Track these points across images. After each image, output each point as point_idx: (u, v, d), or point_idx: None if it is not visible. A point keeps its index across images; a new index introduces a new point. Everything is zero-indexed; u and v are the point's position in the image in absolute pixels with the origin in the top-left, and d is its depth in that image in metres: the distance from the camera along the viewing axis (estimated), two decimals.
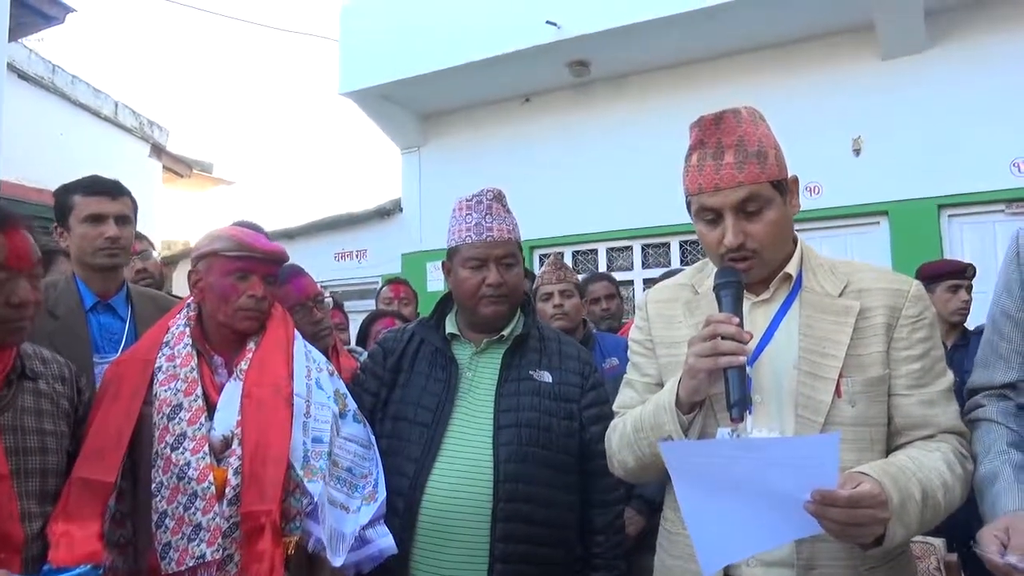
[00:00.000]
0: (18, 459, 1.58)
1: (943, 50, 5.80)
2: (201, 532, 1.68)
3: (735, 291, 1.43)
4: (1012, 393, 1.46)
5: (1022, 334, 1.44)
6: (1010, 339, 1.46)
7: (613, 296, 3.92)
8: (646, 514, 2.76)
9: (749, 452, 1.26)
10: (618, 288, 4.10)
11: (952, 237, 5.76)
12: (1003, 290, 1.49)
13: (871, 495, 1.21)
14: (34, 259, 1.62)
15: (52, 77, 8.23)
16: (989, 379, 1.50)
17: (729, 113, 1.47)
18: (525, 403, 1.97)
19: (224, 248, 1.90)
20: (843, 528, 1.22)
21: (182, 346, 1.87)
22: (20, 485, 1.56)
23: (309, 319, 2.35)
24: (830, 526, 1.22)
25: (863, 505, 1.21)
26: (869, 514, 1.21)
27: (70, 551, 1.57)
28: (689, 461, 1.30)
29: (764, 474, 1.23)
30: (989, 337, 1.52)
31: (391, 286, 4.39)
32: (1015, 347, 1.46)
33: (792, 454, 1.23)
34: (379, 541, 1.86)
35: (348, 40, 7.78)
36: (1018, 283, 1.45)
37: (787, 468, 1.21)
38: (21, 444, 1.60)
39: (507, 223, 2.06)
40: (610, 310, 3.87)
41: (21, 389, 1.64)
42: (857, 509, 1.21)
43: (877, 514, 1.22)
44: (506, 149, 7.52)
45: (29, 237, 1.62)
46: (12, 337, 1.61)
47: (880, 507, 1.22)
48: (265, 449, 1.75)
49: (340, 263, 8.61)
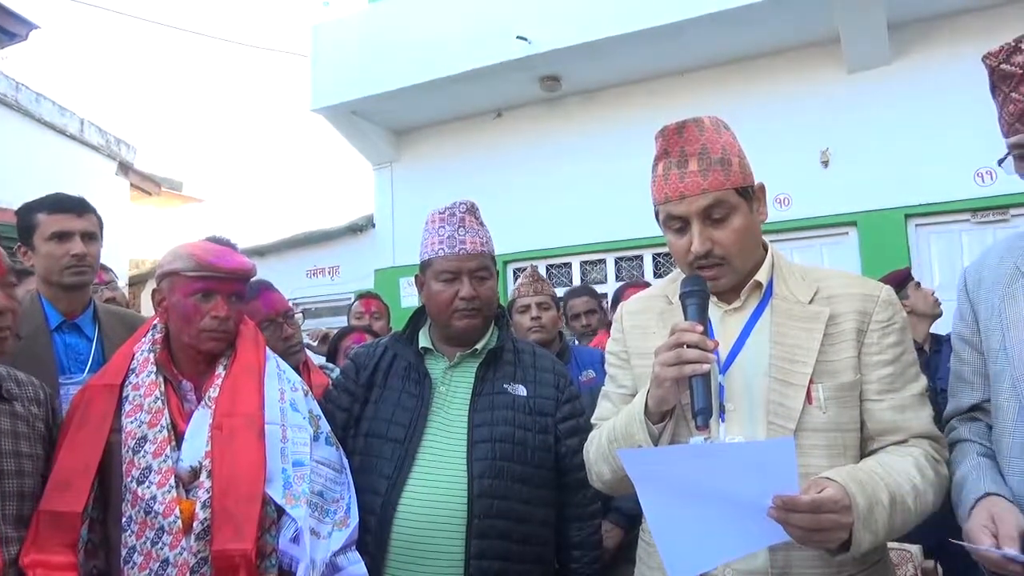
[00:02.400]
0: None
1: (908, 62, 5.92)
2: (168, 568, 1.63)
3: (699, 300, 1.44)
4: (981, 414, 1.51)
5: (979, 355, 1.50)
6: (969, 362, 1.53)
7: (594, 311, 3.91)
8: (624, 527, 2.75)
9: (705, 458, 1.26)
10: (600, 302, 4.10)
11: (920, 246, 5.86)
12: (958, 318, 1.57)
13: (833, 500, 1.21)
14: (4, 266, 1.58)
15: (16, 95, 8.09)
16: (958, 405, 1.56)
17: (691, 122, 1.49)
18: (499, 417, 1.95)
19: (184, 268, 1.83)
20: (806, 534, 1.21)
21: (146, 374, 1.81)
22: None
23: (279, 335, 2.32)
24: (794, 532, 1.22)
25: (825, 510, 1.21)
26: (832, 519, 1.21)
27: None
28: (649, 469, 1.30)
29: (725, 481, 1.23)
30: (953, 366, 1.58)
31: (362, 300, 4.35)
32: (975, 368, 1.52)
33: (748, 459, 1.23)
34: (351, 568, 1.81)
35: (319, 56, 7.76)
36: (969, 312, 1.53)
37: (746, 473, 1.21)
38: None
39: (480, 236, 2.04)
40: (591, 325, 3.86)
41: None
42: (820, 514, 1.20)
43: (840, 519, 1.22)
44: (478, 164, 7.52)
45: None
46: None
47: (843, 512, 1.22)
48: (238, 485, 1.70)
49: (312, 280, 8.54)
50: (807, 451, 1.39)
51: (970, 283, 1.55)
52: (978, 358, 1.50)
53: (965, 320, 1.54)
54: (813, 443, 1.40)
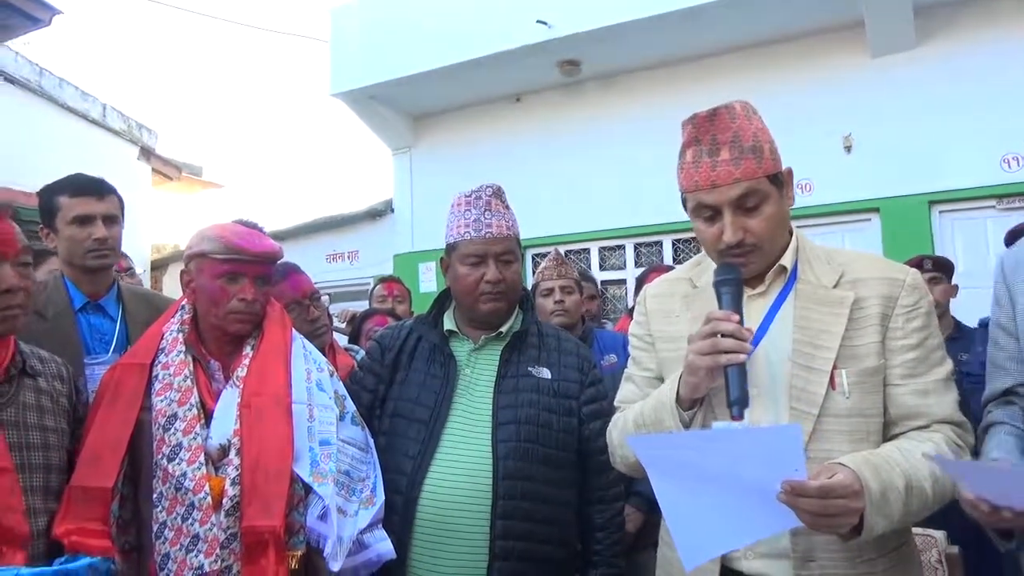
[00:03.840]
0: (21, 454, 1.57)
1: (933, 47, 5.83)
2: (199, 543, 1.66)
3: (735, 288, 1.43)
4: (1016, 398, 1.52)
5: (1015, 341, 1.51)
6: (1005, 348, 1.55)
7: (594, 297, 3.93)
8: (644, 510, 2.76)
9: (714, 443, 1.26)
10: (598, 288, 4.12)
11: (943, 233, 5.78)
12: (995, 304, 1.59)
13: (843, 485, 1.22)
14: (18, 245, 1.61)
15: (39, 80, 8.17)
16: (993, 390, 1.58)
17: (723, 109, 1.46)
18: (524, 400, 1.96)
19: (212, 250, 1.85)
20: (815, 519, 1.22)
21: (175, 353, 1.84)
22: (24, 480, 1.56)
23: (305, 317, 2.34)
24: (803, 516, 1.22)
25: (834, 495, 1.21)
26: (841, 504, 1.21)
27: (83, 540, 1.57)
28: (659, 454, 1.31)
29: (734, 466, 1.23)
30: (990, 352, 1.60)
31: (384, 284, 4.40)
32: (1010, 354, 1.54)
33: (757, 445, 1.23)
34: (377, 546, 1.84)
35: (338, 41, 7.77)
36: (1006, 297, 1.56)
37: (755, 459, 1.21)
38: (24, 440, 1.59)
39: (506, 219, 2.05)
40: (590, 311, 3.87)
41: (23, 385, 1.64)
42: (828, 499, 1.21)
43: (849, 504, 1.22)
44: (497, 149, 7.51)
45: (12, 224, 1.60)
46: (3, 326, 1.59)
47: (853, 497, 1.22)
48: (267, 463, 1.73)
49: (332, 264, 8.59)
50: (830, 436, 1.39)
51: (1007, 269, 1.55)
52: (1014, 344, 1.51)
53: (1002, 306, 1.55)
54: (836, 428, 1.40)
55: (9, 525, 1.49)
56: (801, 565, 1.38)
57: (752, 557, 1.43)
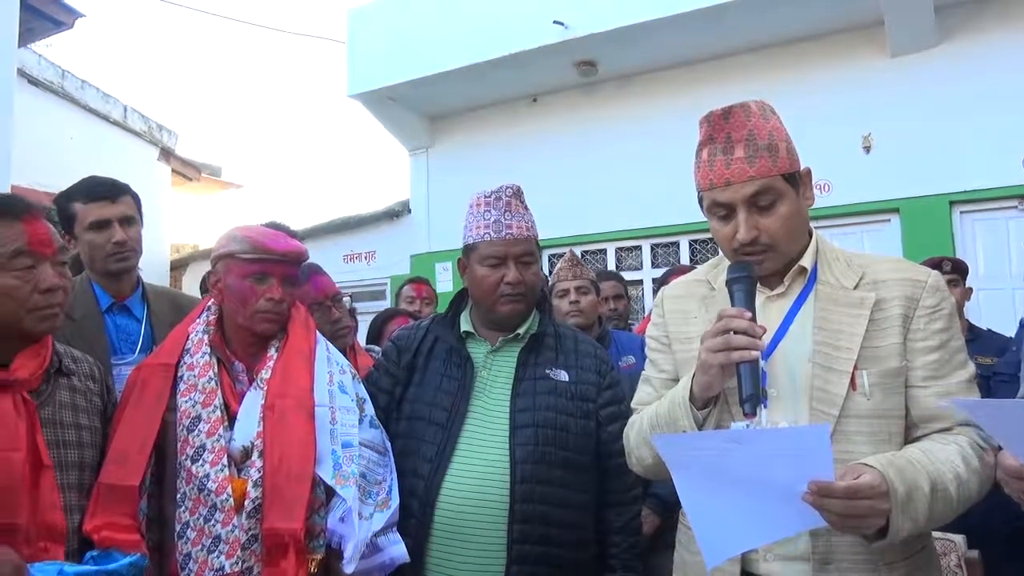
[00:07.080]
0: (58, 452, 1.60)
1: (953, 46, 5.77)
2: (220, 544, 1.68)
3: (747, 285, 1.43)
4: None
5: None
6: None
7: (621, 296, 3.89)
8: (660, 513, 2.76)
9: (740, 444, 1.26)
10: (626, 288, 4.08)
11: (964, 234, 5.73)
12: None
13: (870, 486, 1.21)
14: (56, 244, 1.63)
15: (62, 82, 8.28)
16: None
17: (738, 107, 1.47)
18: (541, 402, 1.95)
19: (240, 250, 1.88)
20: (841, 519, 1.22)
21: (200, 355, 1.86)
22: (60, 478, 1.58)
23: (327, 318, 2.35)
24: (830, 517, 1.22)
25: (861, 496, 1.21)
26: (867, 505, 1.21)
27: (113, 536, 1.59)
28: (684, 454, 1.31)
29: (760, 466, 1.23)
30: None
31: (413, 285, 4.33)
32: None
33: (783, 445, 1.23)
34: (391, 549, 1.85)
35: (355, 42, 7.79)
36: None
37: (781, 459, 1.21)
38: (61, 437, 1.62)
39: (526, 220, 2.04)
40: (617, 310, 3.84)
41: (58, 385, 1.66)
42: (855, 500, 1.20)
43: (876, 505, 1.22)
44: (514, 149, 7.50)
45: (48, 224, 1.63)
46: (45, 324, 1.61)
47: (880, 499, 1.22)
48: (289, 465, 1.74)
49: (349, 265, 8.61)
50: (851, 437, 1.39)
51: None
52: None
53: None
54: (857, 430, 1.39)
55: (52, 521, 1.51)
56: (819, 568, 1.38)
57: (771, 559, 1.42)
